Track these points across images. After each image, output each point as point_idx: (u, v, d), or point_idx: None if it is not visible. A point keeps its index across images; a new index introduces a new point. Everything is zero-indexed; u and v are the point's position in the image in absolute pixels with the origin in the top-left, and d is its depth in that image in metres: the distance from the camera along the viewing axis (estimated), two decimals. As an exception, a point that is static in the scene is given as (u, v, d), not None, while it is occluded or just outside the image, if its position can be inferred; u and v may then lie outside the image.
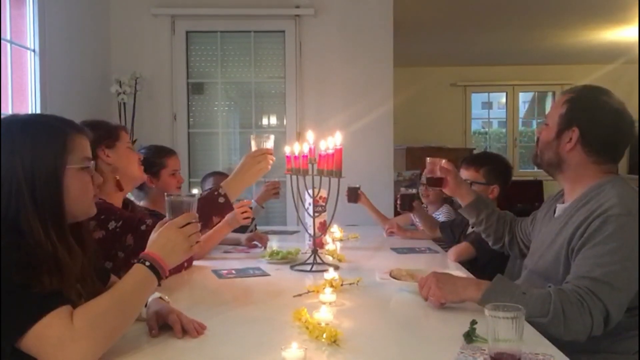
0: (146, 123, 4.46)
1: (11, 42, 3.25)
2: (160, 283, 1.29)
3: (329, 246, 2.44)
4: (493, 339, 1.16)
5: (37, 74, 3.39)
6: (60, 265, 1.16)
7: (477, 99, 9.11)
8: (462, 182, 2.18)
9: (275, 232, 3.21)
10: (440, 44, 7.11)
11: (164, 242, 1.30)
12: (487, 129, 9.48)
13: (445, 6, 5.39)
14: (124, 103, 4.29)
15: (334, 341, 1.28)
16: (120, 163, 1.95)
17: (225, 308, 1.65)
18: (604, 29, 6.24)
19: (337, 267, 2.11)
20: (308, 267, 2.15)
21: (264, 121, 4.79)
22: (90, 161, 1.29)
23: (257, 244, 2.69)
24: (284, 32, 4.57)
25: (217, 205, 1.85)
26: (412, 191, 3.12)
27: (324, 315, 1.43)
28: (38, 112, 3.29)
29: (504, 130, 9.14)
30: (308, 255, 2.24)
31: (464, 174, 2.61)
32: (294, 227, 3.55)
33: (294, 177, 2.22)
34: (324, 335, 1.29)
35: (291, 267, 2.20)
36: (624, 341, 1.54)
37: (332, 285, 1.73)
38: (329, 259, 2.31)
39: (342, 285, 1.80)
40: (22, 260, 1.10)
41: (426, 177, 2.23)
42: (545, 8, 5.41)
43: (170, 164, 2.56)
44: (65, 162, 1.23)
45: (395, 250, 2.61)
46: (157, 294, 1.45)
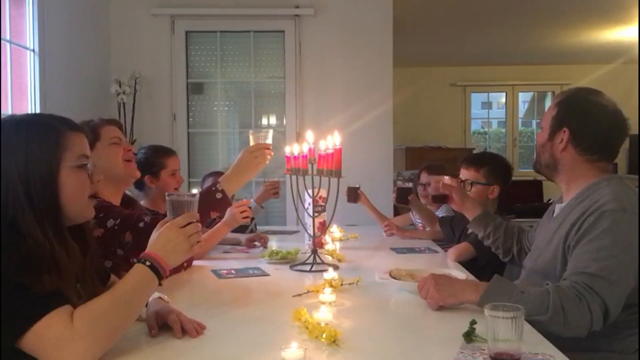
0: (146, 123, 4.46)
1: (11, 42, 3.25)
2: (161, 283, 1.29)
3: (329, 246, 2.44)
4: (492, 338, 1.16)
5: (37, 74, 3.39)
6: (58, 264, 1.16)
7: (476, 99, 9.10)
8: (467, 197, 2.23)
9: (274, 232, 3.21)
10: (439, 44, 7.11)
11: (165, 242, 1.30)
12: (486, 129, 9.48)
13: (445, 6, 5.39)
14: (124, 103, 4.29)
15: (334, 341, 1.28)
16: (102, 164, 1.83)
17: (225, 308, 1.65)
18: (604, 29, 6.24)
19: (336, 267, 2.12)
20: (308, 267, 2.16)
21: (264, 121, 4.79)
22: (88, 159, 1.29)
23: (257, 243, 2.68)
24: (283, 32, 4.57)
25: (215, 201, 1.84)
26: (409, 185, 3.13)
27: (323, 315, 1.43)
28: (37, 112, 3.29)
29: (503, 130, 9.14)
30: (308, 255, 2.24)
31: (464, 174, 2.62)
32: (293, 227, 3.55)
33: (294, 177, 2.22)
34: (324, 335, 1.29)
35: (291, 267, 2.20)
36: (623, 340, 1.55)
37: (331, 285, 1.73)
38: (329, 258, 2.31)
39: (341, 285, 1.80)
40: (21, 260, 1.10)
41: (431, 195, 2.35)
42: (544, 8, 5.41)
43: (170, 164, 2.55)
44: (60, 160, 1.22)
45: (395, 250, 2.61)
46: (157, 293, 1.45)
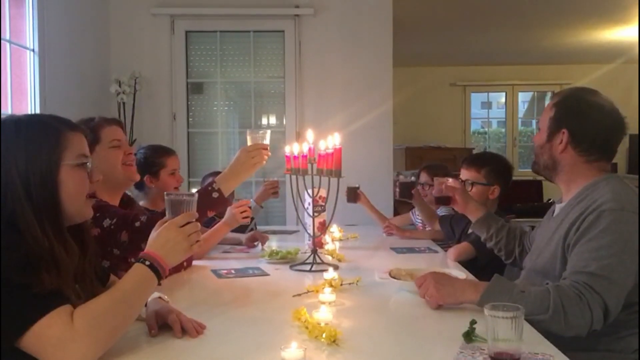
0: (146, 123, 4.46)
1: (10, 42, 3.24)
2: (160, 282, 1.29)
3: (329, 246, 2.44)
4: (492, 338, 1.16)
5: (37, 74, 3.39)
6: (57, 262, 1.16)
7: (476, 98, 9.11)
8: (470, 199, 2.23)
9: (274, 232, 3.21)
10: (439, 44, 7.11)
11: (164, 242, 1.30)
12: (486, 129, 9.48)
13: (445, 6, 5.39)
14: (124, 103, 4.29)
15: (334, 341, 1.28)
16: (101, 168, 1.76)
17: (225, 308, 1.65)
18: (604, 29, 6.24)
19: (336, 267, 2.12)
20: (307, 267, 2.15)
21: (264, 121, 4.79)
22: (87, 158, 1.29)
23: (257, 243, 2.68)
24: (283, 32, 4.57)
25: (211, 200, 1.83)
26: (411, 179, 3.13)
27: (323, 315, 1.43)
28: (37, 112, 3.29)
29: (503, 130, 9.14)
30: (307, 255, 2.24)
31: (464, 174, 2.61)
32: (293, 227, 3.55)
33: (294, 177, 2.22)
34: (324, 335, 1.29)
35: (291, 266, 2.20)
36: (623, 339, 1.55)
37: (331, 285, 1.73)
38: (329, 258, 2.31)
39: (341, 285, 1.80)
40: (21, 259, 1.10)
41: (435, 197, 2.34)
42: (544, 8, 5.41)
43: (169, 163, 2.55)
44: (59, 159, 1.23)
45: (395, 249, 2.61)
46: (157, 293, 1.45)
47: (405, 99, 7.31)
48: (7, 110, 3.16)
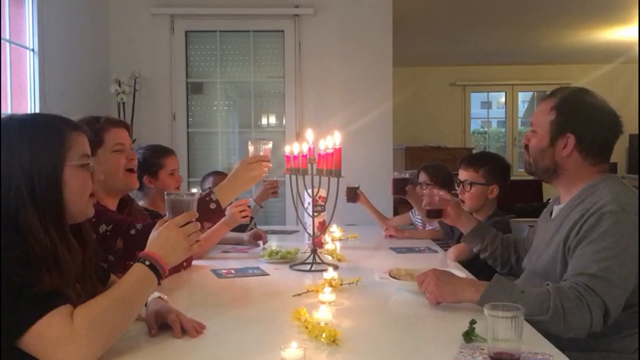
0: (145, 123, 4.45)
1: (10, 42, 3.24)
2: (160, 282, 1.29)
3: (329, 246, 2.44)
4: (492, 338, 1.16)
5: (36, 74, 3.38)
6: (59, 263, 1.16)
7: (476, 98, 9.11)
8: (462, 211, 2.20)
9: (274, 232, 3.21)
10: (439, 44, 7.11)
11: (164, 242, 1.30)
12: (486, 129, 9.48)
13: (445, 6, 5.39)
14: (123, 102, 4.28)
15: (333, 341, 1.28)
16: (102, 171, 1.81)
17: (225, 308, 1.65)
18: (603, 29, 6.23)
19: (336, 267, 2.12)
20: (307, 267, 2.15)
21: (263, 121, 4.79)
22: (89, 158, 1.29)
23: (260, 242, 2.68)
24: (283, 31, 4.57)
25: (208, 211, 1.82)
26: (406, 176, 3.12)
27: (323, 314, 1.43)
28: (37, 111, 3.28)
29: (503, 130, 9.14)
30: (307, 254, 2.24)
31: (463, 174, 2.61)
32: (293, 227, 3.54)
33: (293, 177, 2.22)
34: (323, 335, 1.29)
35: (290, 266, 2.20)
36: (623, 339, 1.55)
37: (331, 285, 1.73)
38: (329, 258, 2.31)
39: (341, 284, 1.80)
40: (21, 259, 1.10)
41: (426, 210, 2.25)
42: (544, 7, 5.41)
43: (169, 163, 2.55)
44: (64, 160, 1.23)
45: (395, 249, 2.61)
46: (157, 293, 1.45)
47: (405, 98, 7.31)
48: (7, 110, 3.16)
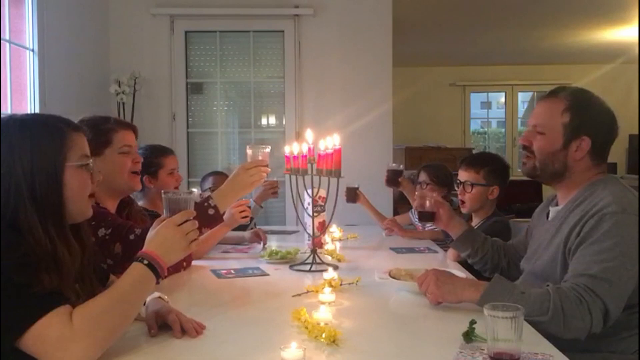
0: (145, 123, 4.44)
1: (10, 42, 3.24)
2: (159, 281, 1.29)
3: (328, 246, 2.44)
4: (492, 338, 1.16)
5: (36, 74, 3.38)
6: (59, 263, 1.16)
7: (476, 98, 9.11)
8: (454, 215, 2.17)
9: (274, 232, 3.20)
10: (439, 44, 7.11)
11: (162, 240, 1.30)
12: (486, 129, 9.49)
13: (445, 6, 5.39)
14: (123, 103, 4.28)
15: (333, 341, 1.28)
16: (106, 172, 1.74)
17: (224, 308, 1.65)
18: (603, 29, 6.24)
19: (336, 267, 2.11)
20: (307, 267, 2.15)
21: (263, 121, 4.79)
22: (89, 158, 1.29)
23: (261, 242, 2.68)
24: (283, 32, 4.57)
25: (207, 217, 1.82)
26: (400, 167, 3.11)
27: (323, 315, 1.43)
28: (37, 112, 3.28)
29: (503, 130, 9.14)
30: (307, 255, 2.23)
31: (463, 175, 2.61)
32: (293, 227, 3.54)
33: (293, 177, 2.22)
34: (323, 335, 1.29)
35: (290, 266, 2.20)
36: (623, 340, 1.55)
37: (331, 285, 1.73)
38: (328, 258, 2.31)
39: (341, 285, 1.80)
40: (21, 259, 1.10)
41: (418, 212, 2.21)
42: (544, 7, 5.41)
43: (167, 163, 2.55)
44: (64, 160, 1.23)
45: (395, 250, 2.61)
46: (157, 293, 1.45)
47: (404, 99, 7.31)
48: (7, 111, 3.16)
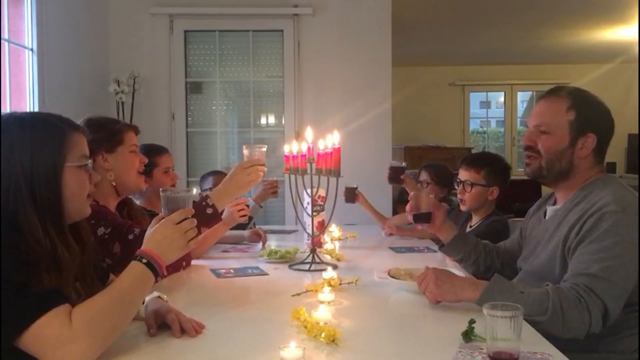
0: (144, 122, 4.40)
1: (9, 41, 3.24)
2: (158, 280, 1.29)
3: (328, 245, 2.44)
4: (491, 338, 1.16)
5: (35, 73, 3.38)
6: (59, 263, 1.16)
7: (475, 98, 9.12)
8: (447, 220, 2.13)
9: (273, 232, 3.20)
10: (438, 44, 7.12)
11: (160, 239, 1.30)
12: (485, 129, 9.49)
13: (444, 6, 5.39)
14: (122, 102, 4.28)
15: (333, 340, 1.28)
16: (118, 169, 1.93)
17: (224, 307, 1.65)
18: (603, 29, 6.24)
19: (335, 267, 2.11)
20: (306, 267, 2.15)
21: (262, 120, 4.79)
22: (88, 159, 1.29)
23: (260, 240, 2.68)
24: (282, 31, 4.57)
25: (205, 216, 1.83)
26: (403, 164, 3.11)
27: (322, 314, 1.43)
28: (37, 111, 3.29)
29: (502, 129, 9.15)
30: (306, 254, 2.23)
31: (463, 175, 2.61)
32: (292, 227, 3.54)
33: (293, 177, 2.22)
34: (323, 335, 1.29)
35: (290, 266, 2.20)
36: (622, 340, 1.55)
37: (330, 285, 1.73)
38: (328, 258, 2.31)
39: (340, 284, 1.80)
40: (21, 259, 1.10)
41: (412, 214, 2.09)
42: (543, 7, 5.41)
43: (162, 162, 2.55)
44: (64, 160, 1.23)
45: (394, 249, 2.61)
46: (156, 293, 1.45)
47: (404, 98, 7.31)
48: (6, 110, 3.15)
